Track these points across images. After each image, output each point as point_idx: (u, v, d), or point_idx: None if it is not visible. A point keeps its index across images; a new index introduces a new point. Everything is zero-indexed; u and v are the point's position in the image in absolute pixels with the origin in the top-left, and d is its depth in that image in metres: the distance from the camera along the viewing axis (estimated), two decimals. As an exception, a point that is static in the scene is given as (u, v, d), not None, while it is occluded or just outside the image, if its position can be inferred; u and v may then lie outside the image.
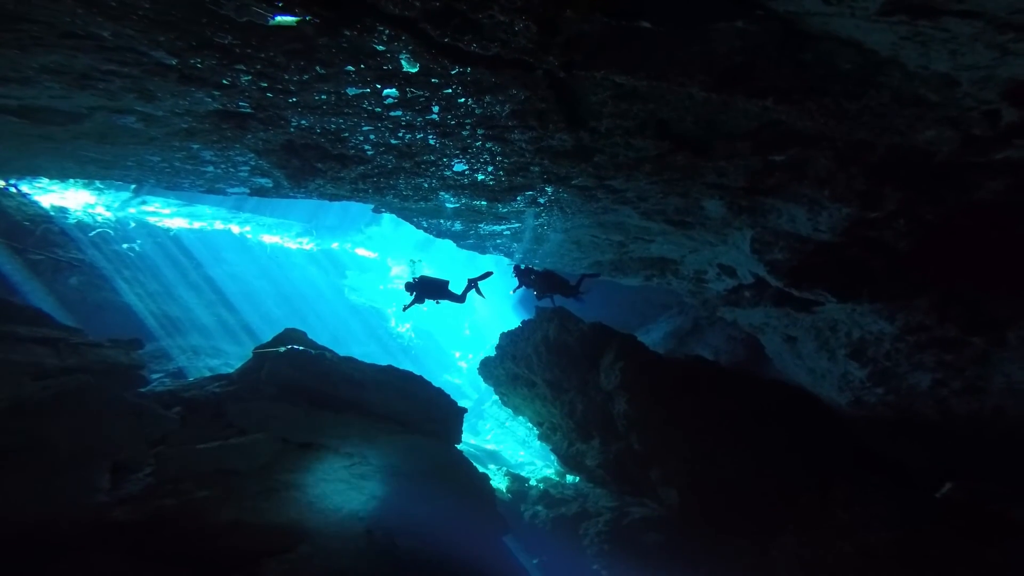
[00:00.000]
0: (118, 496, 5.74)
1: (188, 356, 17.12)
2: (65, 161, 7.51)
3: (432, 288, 8.43)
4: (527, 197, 7.52)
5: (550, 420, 12.70)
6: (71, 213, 17.51)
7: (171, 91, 4.37)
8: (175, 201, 21.35)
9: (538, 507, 12.98)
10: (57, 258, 14.53)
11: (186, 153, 6.51)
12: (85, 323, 10.48)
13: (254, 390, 8.44)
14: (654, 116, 4.27)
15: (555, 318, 11.93)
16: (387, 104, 4.72)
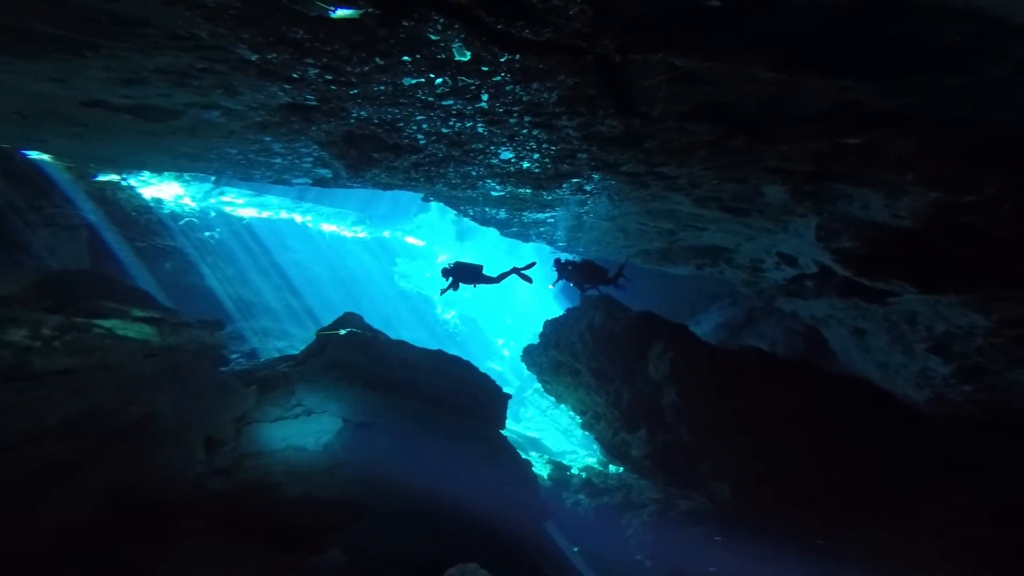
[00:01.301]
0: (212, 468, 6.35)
1: (260, 338, 18.52)
2: (163, 155, 8.23)
3: (467, 273, 8.47)
4: (573, 184, 7.37)
5: (594, 409, 12.59)
6: (165, 204, 19.24)
7: (250, 86, 4.65)
8: (247, 191, 22.99)
9: (580, 495, 13.01)
10: (156, 245, 16.16)
11: (259, 146, 6.93)
12: (177, 304, 11.61)
13: (318, 371, 8.99)
14: (712, 99, 3.98)
15: (601, 306, 11.71)
16: (439, 93, 4.77)
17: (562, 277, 9.82)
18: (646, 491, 12.27)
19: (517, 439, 13.70)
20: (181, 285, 16.42)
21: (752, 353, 10.83)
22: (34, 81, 4.76)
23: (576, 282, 9.84)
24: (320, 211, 29.00)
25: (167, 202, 19.52)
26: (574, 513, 12.51)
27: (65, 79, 4.66)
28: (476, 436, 10.00)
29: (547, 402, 24.65)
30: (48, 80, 4.71)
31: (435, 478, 8.33)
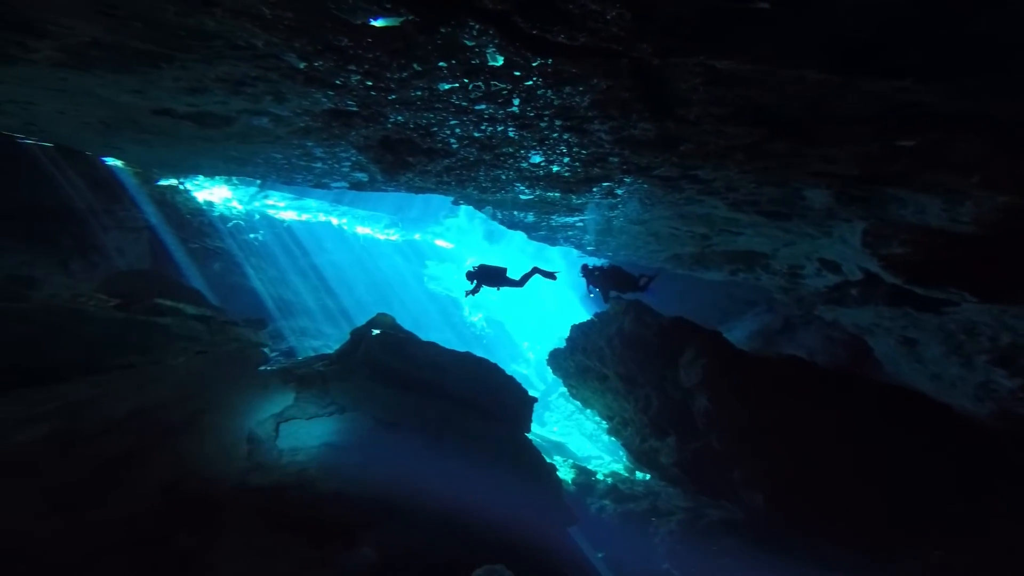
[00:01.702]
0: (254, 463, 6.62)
1: (297, 336, 19.18)
2: (216, 160, 8.69)
3: (491, 275, 8.44)
4: (603, 188, 7.26)
5: (621, 414, 12.35)
6: (216, 207, 20.21)
7: (297, 92, 4.83)
8: (289, 195, 23.98)
9: (605, 501, 12.78)
10: (207, 246, 16.99)
11: (302, 150, 7.20)
12: (223, 303, 12.22)
13: (351, 370, 9.22)
14: (752, 101, 3.81)
15: (631, 311, 11.48)
16: (472, 98, 4.82)
17: (590, 283, 9.62)
18: (674, 499, 11.94)
19: (542, 443, 13.60)
20: (227, 284, 17.17)
21: (789, 361, 10.35)
22: (118, 93, 5.11)
23: (603, 288, 9.62)
24: (355, 214, 29.90)
25: (217, 205, 20.49)
26: (599, 519, 12.29)
27: (142, 90, 4.98)
28: (502, 439, 9.97)
29: (572, 406, 24.39)
30: (129, 91, 5.05)
31: (461, 479, 8.36)
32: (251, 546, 5.65)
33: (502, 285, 8.55)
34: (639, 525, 11.53)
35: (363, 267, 31.55)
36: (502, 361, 11.86)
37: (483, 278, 8.35)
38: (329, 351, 11.30)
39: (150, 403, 6.26)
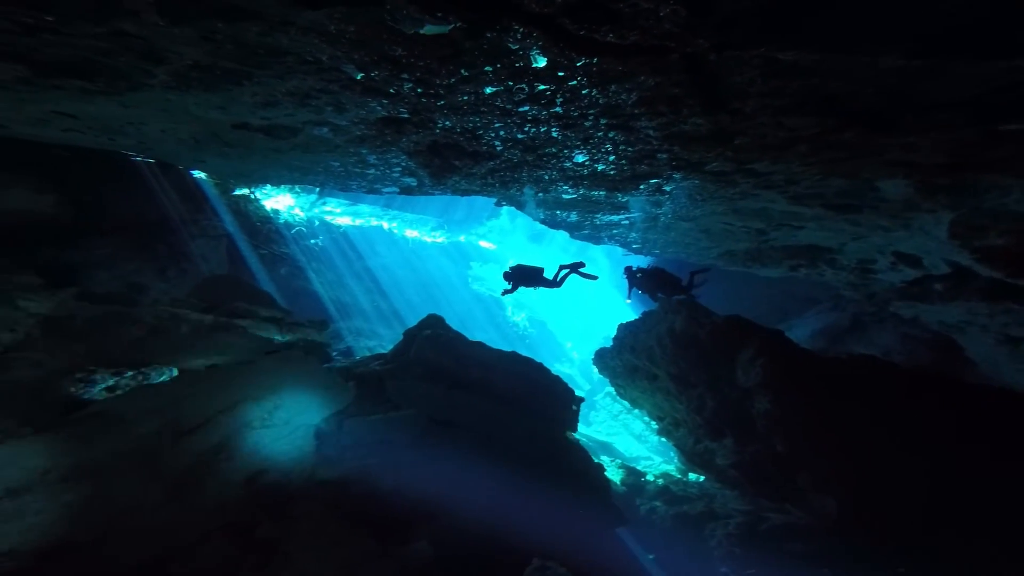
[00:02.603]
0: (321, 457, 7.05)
1: (354, 337, 20.08)
2: (282, 169, 9.24)
3: (527, 275, 8.31)
4: (651, 186, 7.00)
5: (673, 415, 11.90)
6: (281, 214, 21.48)
7: (355, 102, 5.04)
8: (344, 201, 25.22)
9: (656, 502, 12.44)
10: (274, 252, 18.16)
11: (357, 158, 7.49)
12: (289, 305, 13.00)
13: (404, 369, 9.55)
14: (818, 91, 3.50)
15: (682, 310, 11.02)
16: (517, 100, 4.81)
17: (632, 285, 9.23)
18: (731, 502, 11.39)
19: (588, 443, 13.42)
20: (292, 288, 18.31)
21: (861, 361, 9.47)
22: (207, 110, 5.56)
23: (647, 291, 9.19)
24: (404, 217, 30.93)
25: (282, 212, 21.85)
26: (649, 520, 11.94)
27: (225, 106, 5.39)
28: (548, 437, 9.94)
29: (619, 406, 23.81)
30: (215, 108, 5.48)
31: (509, 478, 8.42)
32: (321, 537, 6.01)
33: (539, 285, 8.41)
34: (693, 528, 11.09)
35: (412, 269, 32.55)
36: (546, 361, 11.81)
37: (519, 278, 8.25)
38: (383, 351, 11.75)
39: (234, 400, 6.87)
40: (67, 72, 4.43)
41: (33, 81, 4.61)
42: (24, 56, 4.08)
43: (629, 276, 9.20)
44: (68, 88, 4.82)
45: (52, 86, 4.76)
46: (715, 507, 11.56)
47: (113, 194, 9.94)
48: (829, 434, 8.24)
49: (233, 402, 6.76)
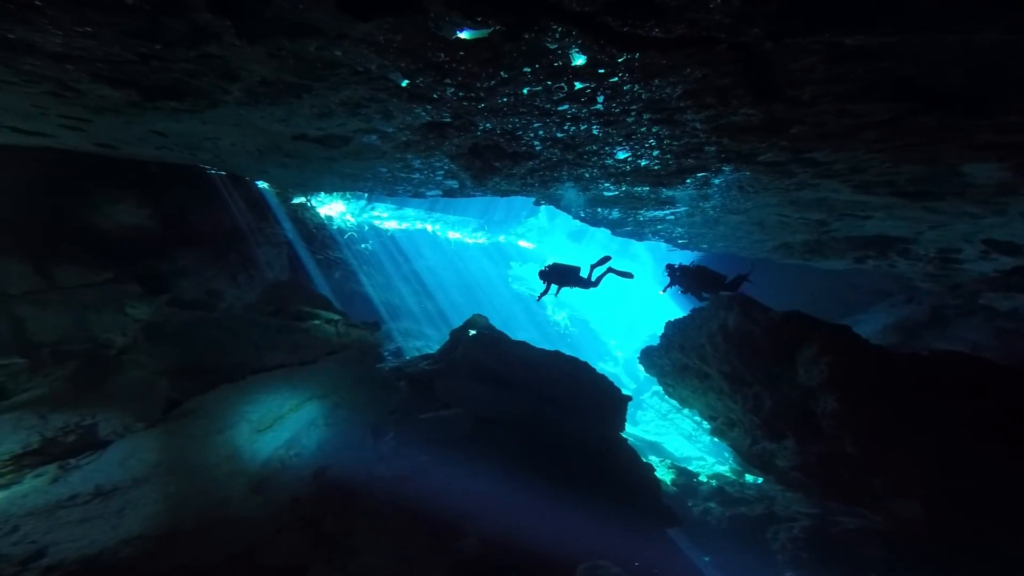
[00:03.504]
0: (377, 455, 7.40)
1: (403, 337, 20.74)
2: (335, 177, 9.66)
3: (563, 275, 8.14)
4: (698, 179, 6.72)
5: (727, 414, 11.37)
6: (334, 220, 22.34)
7: (401, 109, 5.21)
8: (391, 206, 26.15)
9: (710, 504, 12.07)
10: (329, 257, 19.01)
11: (403, 163, 7.72)
12: (344, 308, 13.57)
13: (451, 369, 9.79)
14: (890, 75, 3.20)
15: (735, 306, 10.50)
16: (555, 99, 4.78)
17: (673, 283, 8.87)
18: (794, 504, 10.86)
19: (636, 442, 13.12)
20: (346, 291, 19.10)
21: (946, 357, 8.55)
22: (271, 123, 5.93)
23: (688, 288, 8.79)
24: (447, 220, 31.61)
25: (335, 219, 22.87)
26: (703, 521, 11.57)
27: (287, 118, 5.71)
28: (595, 436, 9.82)
29: (668, 406, 23.16)
30: (278, 121, 5.83)
31: (556, 476, 8.42)
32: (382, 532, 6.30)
33: (575, 285, 8.23)
34: (752, 531, 10.63)
35: (455, 270, 33.17)
36: (589, 360, 11.64)
37: (555, 278, 8.11)
38: (430, 351, 12.07)
39: (301, 398, 7.40)
40: (164, 94, 4.89)
41: (141, 104, 5.11)
42: (135, 82, 4.57)
43: (670, 273, 8.89)
44: (164, 108, 5.31)
45: (153, 107, 5.26)
46: (776, 509, 11.14)
47: (193, 206, 10.75)
48: (910, 435, 7.52)
49: (300, 400, 7.27)
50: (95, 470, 5.43)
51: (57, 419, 5.68)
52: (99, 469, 5.45)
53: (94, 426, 5.77)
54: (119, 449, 5.74)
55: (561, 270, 8.10)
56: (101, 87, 4.59)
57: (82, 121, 5.84)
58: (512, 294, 36.99)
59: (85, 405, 5.89)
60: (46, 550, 4.66)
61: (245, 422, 6.53)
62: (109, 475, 5.42)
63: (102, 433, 5.80)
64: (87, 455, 5.59)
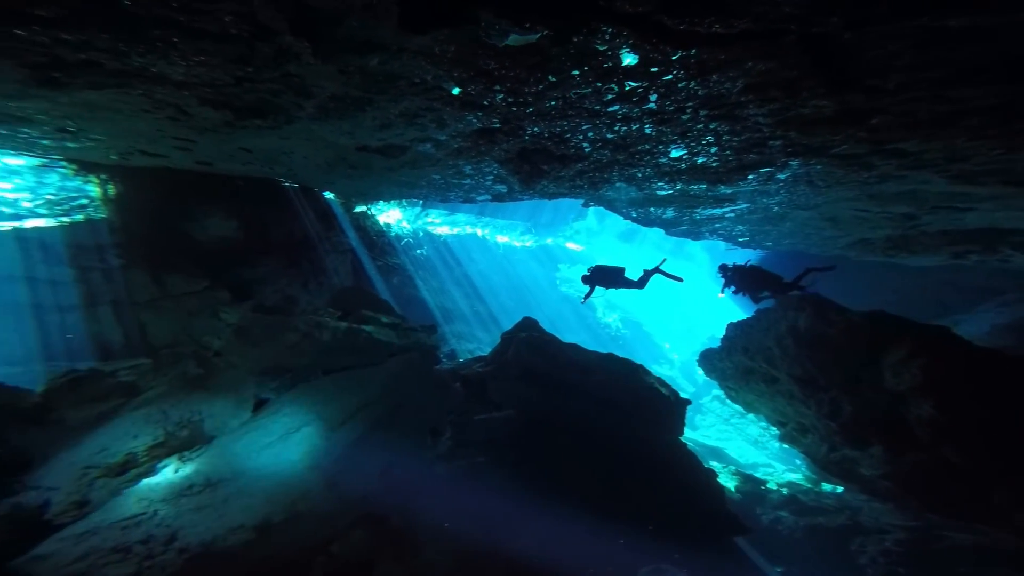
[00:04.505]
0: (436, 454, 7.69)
1: (456, 340, 21.22)
2: (393, 185, 10.05)
3: (608, 276, 7.96)
4: (761, 175, 6.28)
5: (797, 420, 10.59)
6: (392, 227, 23.17)
7: (454, 117, 5.34)
8: (443, 212, 26.95)
9: (781, 512, 11.44)
10: (388, 263, 19.83)
11: (454, 170, 7.89)
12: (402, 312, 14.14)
13: (503, 371, 9.89)
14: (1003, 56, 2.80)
15: (807, 307, 9.73)
16: (605, 100, 4.68)
17: (729, 284, 8.38)
18: (884, 515, 10.02)
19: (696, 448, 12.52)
20: (404, 296, 19.74)
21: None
22: (338, 136, 6.26)
23: (744, 289, 8.24)
24: (495, 224, 32.05)
25: (392, 226, 23.89)
26: (774, 530, 10.94)
27: (352, 131, 6.01)
28: (651, 440, 9.47)
29: (730, 410, 21.92)
30: (344, 134, 6.13)
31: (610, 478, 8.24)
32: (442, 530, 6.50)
33: (620, 286, 8.05)
34: (834, 541, 9.95)
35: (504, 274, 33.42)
36: (644, 363, 11.25)
37: (599, 280, 7.96)
38: (482, 353, 12.25)
39: (369, 398, 7.88)
40: (252, 113, 5.33)
41: (233, 123, 5.60)
42: (231, 103, 5.03)
43: (724, 274, 8.44)
44: (250, 127, 5.78)
45: (242, 126, 5.74)
46: (862, 520, 10.40)
47: (271, 217, 11.53)
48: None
49: (367, 400, 7.74)
50: (204, 463, 6.17)
51: (175, 414, 6.53)
52: (207, 462, 6.17)
53: (201, 422, 6.55)
54: (220, 444, 6.46)
55: (605, 271, 7.98)
56: (206, 109, 5.10)
57: (189, 141, 6.49)
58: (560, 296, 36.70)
59: (194, 402, 6.70)
60: (176, 534, 5.36)
61: (321, 420, 7.06)
62: (215, 468, 6.13)
63: (207, 429, 6.56)
64: (197, 449, 6.35)
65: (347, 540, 6.17)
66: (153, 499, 5.63)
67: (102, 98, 4.75)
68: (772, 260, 13.18)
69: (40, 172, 9.95)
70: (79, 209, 10.25)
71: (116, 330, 9.07)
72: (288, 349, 7.62)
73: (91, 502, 5.59)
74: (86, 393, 6.47)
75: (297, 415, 6.90)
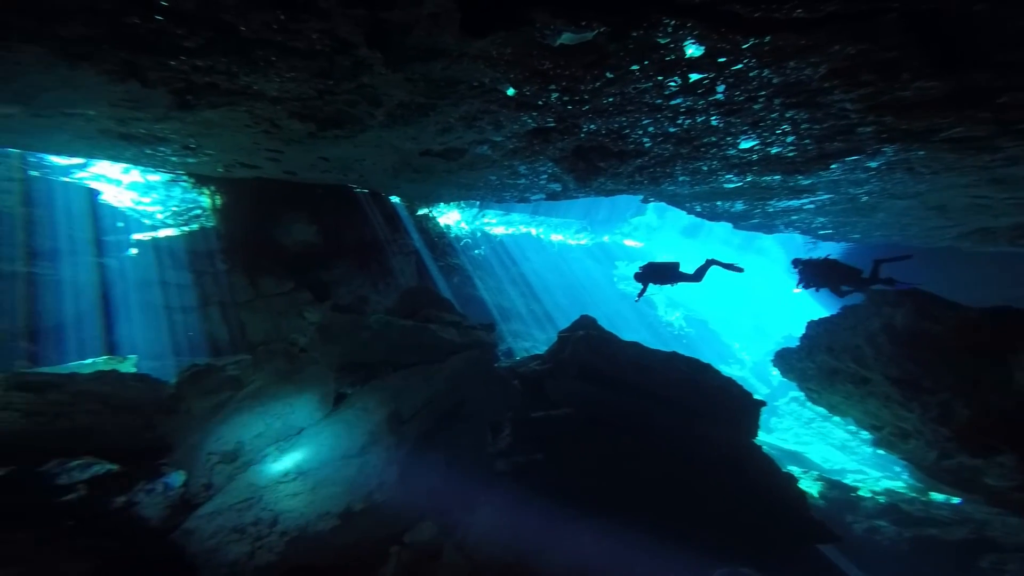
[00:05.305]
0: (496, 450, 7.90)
1: (512, 338, 21.47)
2: (453, 187, 10.30)
3: (661, 273, 7.70)
4: (847, 164, 5.68)
5: (896, 424, 9.62)
6: (451, 229, 23.74)
7: (510, 118, 5.38)
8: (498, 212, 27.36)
9: (879, 522, 10.69)
10: (448, 263, 20.43)
11: (510, 170, 7.96)
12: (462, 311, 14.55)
13: (560, 369, 9.86)
14: None
15: (905, 303, 8.75)
16: (667, 94, 4.50)
17: (804, 280, 7.76)
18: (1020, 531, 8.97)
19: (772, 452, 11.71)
20: (464, 295, 20.19)
21: None
22: (404, 141, 6.50)
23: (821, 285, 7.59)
24: (549, 223, 31.93)
25: (452, 227, 24.59)
26: (871, 541, 10.19)
27: (417, 136, 6.21)
28: (721, 443, 8.96)
29: (811, 413, 20.36)
30: (409, 139, 6.35)
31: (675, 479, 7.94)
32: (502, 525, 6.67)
33: (676, 281, 7.78)
34: (954, 557, 9.14)
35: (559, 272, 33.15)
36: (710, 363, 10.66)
37: (652, 277, 7.74)
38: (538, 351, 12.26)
39: (433, 393, 8.28)
40: (331, 123, 5.70)
41: (315, 134, 5.99)
42: (313, 115, 5.40)
43: (799, 269, 7.84)
44: (328, 136, 6.16)
45: (322, 136, 6.14)
46: (992, 535, 9.49)
47: (344, 222, 12.25)
48: None
49: (432, 395, 8.13)
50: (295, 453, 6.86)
51: (271, 406, 7.34)
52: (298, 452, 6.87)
53: (291, 414, 7.30)
54: (308, 435, 7.15)
55: (657, 268, 7.77)
56: (294, 122, 5.54)
57: (279, 152, 7.06)
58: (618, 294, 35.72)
59: (286, 395, 7.49)
60: (278, 518, 6.05)
61: (392, 414, 7.55)
62: (305, 457, 6.80)
63: (297, 421, 7.30)
64: (291, 439, 7.09)
65: (418, 530, 6.56)
66: (258, 485, 6.37)
67: (216, 116, 5.33)
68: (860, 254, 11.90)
69: (168, 186, 11.66)
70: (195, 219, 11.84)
71: (222, 328, 10.38)
72: (362, 346, 8.22)
73: (214, 485, 6.46)
74: (204, 385, 7.47)
75: (371, 409, 7.44)
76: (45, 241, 11.34)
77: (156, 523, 5.89)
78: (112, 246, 12.23)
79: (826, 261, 7.71)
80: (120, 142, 6.71)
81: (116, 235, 12.33)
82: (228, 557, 5.55)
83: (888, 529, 10.22)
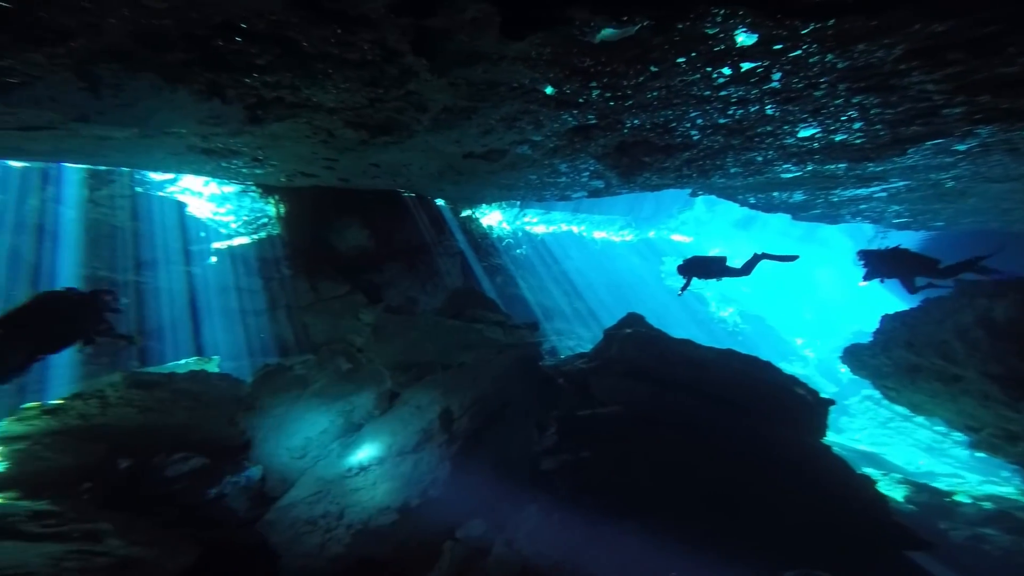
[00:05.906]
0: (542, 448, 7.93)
1: (556, 337, 21.28)
2: (494, 188, 10.33)
3: (705, 267, 7.47)
4: (927, 149, 5.12)
5: (1001, 425, 8.74)
6: (494, 229, 23.86)
7: (550, 117, 5.32)
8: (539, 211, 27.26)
9: (984, 529, 10.05)
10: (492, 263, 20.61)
11: (550, 169, 7.91)
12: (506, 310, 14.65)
13: (606, 367, 9.70)
14: None
15: (1008, 294, 7.86)
16: (716, 85, 4.27)
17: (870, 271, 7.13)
18: None
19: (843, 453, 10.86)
20: (507, 295, 20.27)
21: None
22: (447, 145, 6.55)
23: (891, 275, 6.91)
24: (592, 220, 31.31)
25: (494, 227, 24.77)
26: (975, 549, 9.49)
27: (460, 140, 6.25)
28: (784, 443, 8.43)
29: (889, 412, 18.91)
30: (452, 143, 6.40)
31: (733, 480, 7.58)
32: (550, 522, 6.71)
33: (722, 276, 7.52)
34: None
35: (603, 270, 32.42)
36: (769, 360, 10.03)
37: (695, 271, 7.52)
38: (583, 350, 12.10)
39: (481, 392, 8.47)
40: (381, 130, 5.86)
41: (367, 141, 6.15)
42: (365, 123, 5.56)
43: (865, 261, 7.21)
44: (378, 143, 6.31)
45: (373, 143, 6.28)
46: None
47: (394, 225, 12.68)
48: None
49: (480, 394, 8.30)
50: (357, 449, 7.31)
51: (336, 404, 7.86)
52: (358, 448, 7.31)
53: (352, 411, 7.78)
54: (367, 432, 7.58)
55: (700, 262, 7.56)
56: (348, 131, 5.75)
57: (334, 161, 7.35)
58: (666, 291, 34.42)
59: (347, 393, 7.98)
60: (343, 512, 6.49)
61: (444, 412, 7.82)
62: (367, 454, 7.21)
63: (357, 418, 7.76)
64: (352, 436, 7.55)
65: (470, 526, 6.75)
66: (325, 479, 6.85)
67: (280, 128, 5.65)
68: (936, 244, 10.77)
69: (240, 196, 12.75)
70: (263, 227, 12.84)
71: (289, 330, 11.22)
72: (413, 345, 8.54)
73: (287, 480, 7.03)
74: (276, 384, 8.12)
75: (424, 407, 7.73)
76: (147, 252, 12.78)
77: (242, 514, 6.48)
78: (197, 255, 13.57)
79: (895, 251, 7.06)
80: (202, 156, 7.33)
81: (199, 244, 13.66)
82: (303, 548, 6.02)
83: (999, 538, 9.52)
